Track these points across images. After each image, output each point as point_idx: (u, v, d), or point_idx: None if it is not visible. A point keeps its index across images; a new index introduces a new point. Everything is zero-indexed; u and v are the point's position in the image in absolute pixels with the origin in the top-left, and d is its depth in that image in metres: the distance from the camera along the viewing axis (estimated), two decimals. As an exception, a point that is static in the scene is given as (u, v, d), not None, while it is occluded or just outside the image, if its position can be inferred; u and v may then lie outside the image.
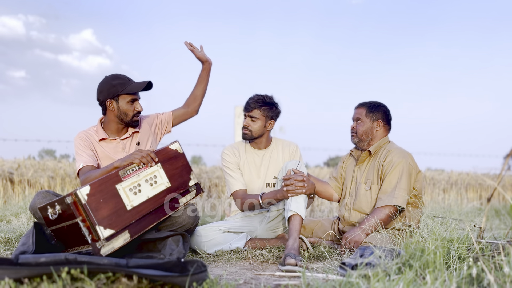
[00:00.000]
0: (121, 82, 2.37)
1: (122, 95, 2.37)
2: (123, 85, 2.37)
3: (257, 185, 2.69)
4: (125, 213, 1.93)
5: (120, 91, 2.36)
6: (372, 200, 2.52)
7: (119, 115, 2.39)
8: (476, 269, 1.50)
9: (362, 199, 2.55)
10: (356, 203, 2.57)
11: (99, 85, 2.41)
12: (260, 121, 2.62)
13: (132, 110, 2.40)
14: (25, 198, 4.77)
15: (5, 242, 2.52)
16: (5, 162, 5.97)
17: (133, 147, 2.47)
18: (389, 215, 2.38)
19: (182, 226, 2.29)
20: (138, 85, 2.39)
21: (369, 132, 2.57)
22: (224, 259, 2.31)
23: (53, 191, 2.26)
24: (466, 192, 7.26)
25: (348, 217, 2.60)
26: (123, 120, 2.41)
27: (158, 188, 2.12)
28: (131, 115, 2.40)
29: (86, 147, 2.37)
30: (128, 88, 2.37)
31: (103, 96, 2.38)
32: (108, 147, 2.43)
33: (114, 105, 2.38)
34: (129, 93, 2.37)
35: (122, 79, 2.39)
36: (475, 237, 1.89)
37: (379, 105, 2.61)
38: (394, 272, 1.59)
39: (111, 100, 2.38)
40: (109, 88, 2.36)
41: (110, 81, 2.38)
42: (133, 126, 2.46)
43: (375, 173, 2.54)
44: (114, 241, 1.86)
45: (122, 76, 2.42)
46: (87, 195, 1.81)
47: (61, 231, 1.93)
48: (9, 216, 3.66)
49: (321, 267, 2.09)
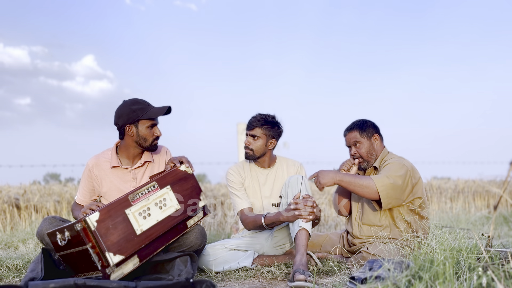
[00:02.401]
0: (141, 107, 2.36)
1: (142, 120, 2.35)
2: (143, 110, 2.35)
3: (262, 204, 2.69)
4: (135, 238, 1.93)
5: (141, 116, 2.34)
6: (379, 211, 2.51)
7: (138, 140, 2.38)
8: (486, 279, 1.49)
9: (369, 212, 2.55)
10: (364, 217, 2.58)
11: (118, 110, 2.39)
12: (261, 139, 2.62)
13: (152, 135, 2.39)
14: (31, 223, 4.77)
15: (13, 269, 2.52)
16: (11, 188, 5.99)
17: (145, 179, 2.45)
18: (366, 186, 2.35)
19: (190, 247, 2.28)
20: (158, 110, 2.38)
21: (372, 150, 2.61)
22: (233, 277, 2.30)
23: (59, 217, 2.27)
24: (474, 200, 7.20)
25: (358, 233, 2.60)
26: (142, 145, 2.40)
27: (168, 211, 2.12)
28: (150, 140, 2.39)
29: (87, 183, 2.47)
30: (148, 114, 2.35)
31: (123, 121, 2.36)
32: (118, 176, 2.43)
33: (133, 130, 2.37)
34: (149, 118, 2.36)
35: (142, 104, 2.38)
36: (484, 246, 1.88)
37: (366, 121, 2.66)
38: (404, 284, 1.58)
39: (131, 125, 2.36)
40: (129, 113, 2.34)
41: (130, 106, 2.36)
42: (152, 150, 2.44)
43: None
44: (124, 266, 1.86)
45: (142, 101, 2.40)
46: (96, 221, 1.81)
47: (71, 256, 1.94)
48: (17, 242, 3.67)
49: (330, 282, 2.08)
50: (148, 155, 2.49)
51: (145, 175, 2.46)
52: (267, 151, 2.68)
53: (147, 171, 2.48)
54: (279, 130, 2.67)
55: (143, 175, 2.46)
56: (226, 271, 2.41)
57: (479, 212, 6.15)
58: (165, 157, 2.56)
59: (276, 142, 2.69)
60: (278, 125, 2.67)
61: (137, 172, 2.45)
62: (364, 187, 2.34)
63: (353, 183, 2.35)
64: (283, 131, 2.71)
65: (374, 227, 2.53)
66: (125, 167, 2.43)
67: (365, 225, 2.57)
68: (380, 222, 2.52)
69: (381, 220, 2.52)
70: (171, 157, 2.39)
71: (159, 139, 2.44)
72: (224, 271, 2.42)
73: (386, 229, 2.50)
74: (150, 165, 2.49)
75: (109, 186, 2.41)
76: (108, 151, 2.49)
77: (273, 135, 2.65)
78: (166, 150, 2.60)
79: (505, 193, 5.81)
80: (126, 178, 2.43)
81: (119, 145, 2.47)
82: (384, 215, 2.51)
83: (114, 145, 2.49)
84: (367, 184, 2.33)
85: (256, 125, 2.62)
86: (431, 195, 6.94)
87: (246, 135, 2.68)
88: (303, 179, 2.44)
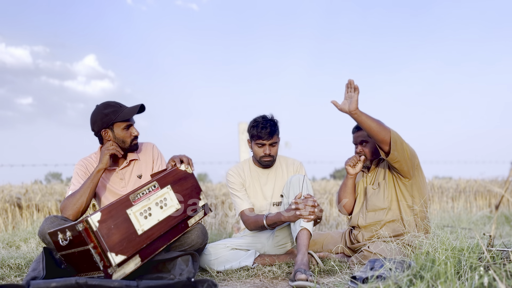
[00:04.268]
0: (113, 110, 2.34)
1: (116, 123, 2.34)
2: (115, 113, 2.33)
3: (263, 204, 2.69)
4: (136, 238, 1.93)
5: (114, 119, 2.33)
6: (383, 195, 2.54)
7: (117, 143, 2.37)
8: (488, 278, 1.49)
9: (373, 198, 2.59)
10: (369, 205, 2.60)
11: (92, 116, 2.38)
12: (277, 143, 2.64)
13: (129, 136, 2.38)
14: (33, 223, 4.78)
15: (15, 268, 2.53)
16: (13, 188, 6.01)
17: (133, 178, 2.46)
18: (382, 125, 2.33)
19: (191, 246, 2.29)
20: (130, 110, 2.36)
21: (377, 151, 2.62)
22: (234, 277, 2.30)
23: (61, 216, 2.26)
24: (475, 199, 7.20)
25: (363, 222, 2.60)
26: (122, 147, 2.39)
27: (169, 210, 2.12)
28: (129, 141, 2.39)
29: (82, 177, 2.39)
30: (121, 115, 2.33)
31: (97, 126, 2.36)
32: (107, 177, 2.44)
33: (109, 134, 2.36)
34: (123, 120, 2.34)
35: (114, 107, 2.35)
36: (486, 246, 1.88)
37: None
38: (405, 284, 1.58)
39: (106, 129, 2.35)
40: (102, 118, 2.33)
41: (102, 110, 2.34)
42: (133, 150, 2.44)
43: (381, 174, 2.62)
44: (126, 266, 1.86)
45: (113, 103, 2.38)
46: (98, 221, 1.81)
47: (72, 256, 1.94)
48: (18, 241, 3.68)
49: (331, 281, 2.08)
50: (133, 153, 2.49)
51: (132, 174, 2.47)
52: None
53: (134, 169, 2.48)
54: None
55: (130, 174, 2.47)
56: (227, 271, 2.41)
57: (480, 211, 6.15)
58: (152, 153, 2.55)
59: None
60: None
61: (124, 172, 2.46)
62: (380, 124, 2.32)
63: (372, 118, 2.32)
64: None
65: (378, 212, 2.55)
66: (112, 168, 2.44)
67: (370, 212, 2.59)
68: (384, 204, 2.54)
69: (385, 202, 2.54)
70: (172, 156, 2.39)
71: (137, 138, 2.44)
72: (226, 270, 2.42)
73: (390, 213, 2.51)
74: (136, 163, 2.49)
75: (99, 185, 2.42)
76: (94, 155, 2.50)
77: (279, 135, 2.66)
78: (153, 146, 2.59)
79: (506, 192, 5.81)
80: (115, 179, 2.44)
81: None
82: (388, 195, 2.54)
83: (98, 148, 2.49)
84: (384, 125, 2.34)
85: (275, 131, 2.59)
86: (432, 195, 6.93)
87: (260, 145, 2.61)
88: (304, 179, 2.45)
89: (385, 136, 2.32)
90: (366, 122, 2.30)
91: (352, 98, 2.30)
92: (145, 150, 2.55)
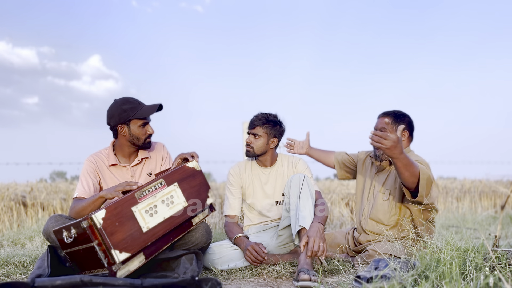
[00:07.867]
0: (132, 107, 2.36)
1: (134, 120, 2.36)
2: (134, 110, 2.35)
3: (266, 203, 2.69)
4: (141, 236, 1.93)
5: (132, 116, 2.35)
6: (390, 210, 2.50)
7: (131, 139, 2.39)
8: (493, 279, 1.48)
9: (379, 208, 2.54)
10: (373, 212, 2.56)
11: (109, 110, 2.40)
12: (262, 138, 2.63)
13: (144, 134, 2.40)
14: (38, 221, 4.81)
15: (20, 265, 2.54)
16: (18, 186, 6.04)
17: (144, 176, 2.47)
18: (414, 167, 2.16)
19: (195, 245, 2.29)
20: (149, 108, 2.38)
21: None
22: (238, 276, 2.30)
23: (65, 215, 2.28)
24: (480, 200, 7.16)
25: (364, 225, 2.59)
26: (135, 144, 2.41)
27: (175, 208, 2.12)
28: (143, 138, 2.40)
29: (91, 175, 2.39)
30: (139, 113, 2.35)
31: (114, 121, 2.37)
32: (117, 174, 2.45)
33: (125, 130, 2.38)
34: (140, 118, 2.36)
35: (133, 103, 2.38)
36: (491, 246, 1.86)
37: (405, 115, 2.56)
38: (410, 284, 1.57)
39: (123, 125, 2.37)
40: (120, 113, 2.35)
41: (121, 105, 2.36)
42: (146, 148, 2.46)
43: (394, 182, 2.52)
44: (130, 263, 1.87)
45: (132, 99, 2.40)
46: (102, 219, 1.82)
47: (77, 254, 1.95)
48: (23, 239, 3.69)
49: (336, 281, 2.08)
50: (144, 151, 2.51)
51: (143, 172, 2.49)
52: (268, 150, 2.68)
53: (144, 167, 2.50)
54: (280, 129, 2.68)
55: (141, 172, 2.48)
56: (231, 269, 2.42)
57: (485, 212, 6.11)
58: (162, 153, 2.57)
59: (278, 141, 2.69)
60: (280, 124, 2.68)
61: (135, 169, 2.48)
62: (413, 166, 2.15)
63: (408, 159, 2.13)
64: (284, 130, 2.72)
65: (380, 225, 2.52)
66: (123, 165, 2.45)
67: (371, 220, 2.56)
68: (388, 221, 2.50)
69: (389, 220, 2.50)
70: (181, 153, 2.39)
71: (151, 136, 2.45)
72: (230, 269, 2.42)
73: (393, 229, 2.49)
74: (147, 161, 2.51)
75: (108, 183, 2.42)
76: (104, 150, 2.51)
77: (274, 134, 2.65)
78: (163, 146, 2.62)
79: (512, 193, 5.77)
80: (126, 176, 2.45)
81: (115, 144, 2.49)
82: (395, 213, 2.49)
83: (111, 143, 2.51)
84: (416, 166, 2.17)
85: (257, 124, 2.63)
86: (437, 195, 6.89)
87: (247, 133, 2.69)
88: (305, 178, 2.44)
89: (413, 179, 2.18)
90: (402, 161, 2.11)
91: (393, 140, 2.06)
92: (156, 149, 2.58)
